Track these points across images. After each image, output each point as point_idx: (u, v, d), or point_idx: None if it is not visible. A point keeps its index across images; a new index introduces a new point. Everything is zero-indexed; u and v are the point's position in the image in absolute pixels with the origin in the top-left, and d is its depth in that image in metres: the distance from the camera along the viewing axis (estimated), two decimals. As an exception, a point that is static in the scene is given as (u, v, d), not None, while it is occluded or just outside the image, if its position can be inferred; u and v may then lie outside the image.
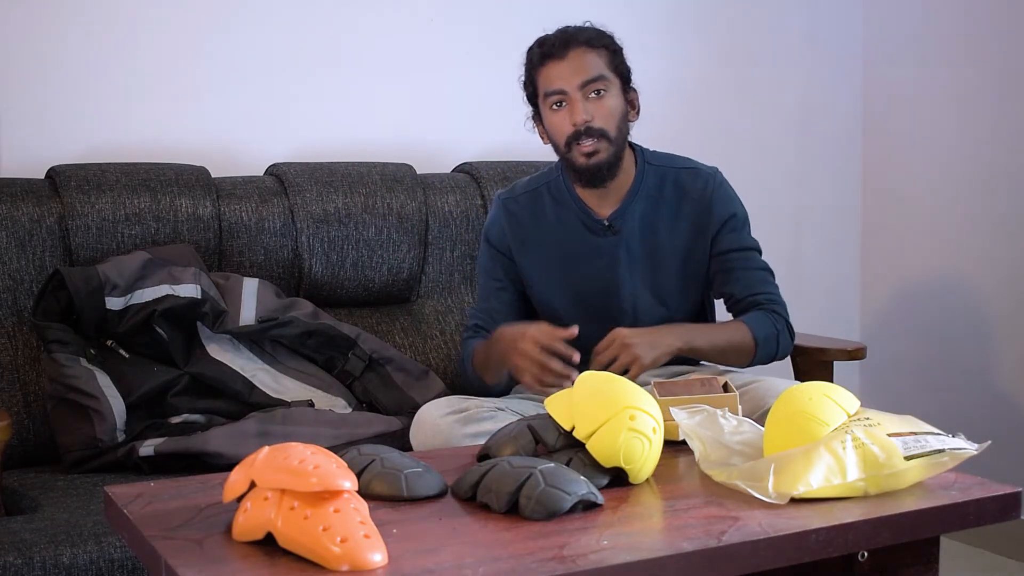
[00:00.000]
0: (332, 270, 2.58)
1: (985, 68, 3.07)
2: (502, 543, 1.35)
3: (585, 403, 1.60)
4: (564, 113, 2.18)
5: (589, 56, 2.18)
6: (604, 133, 2.18)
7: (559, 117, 2.19)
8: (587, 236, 2.27)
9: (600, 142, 2.17)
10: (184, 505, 1.46)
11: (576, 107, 2.16)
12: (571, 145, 2.19)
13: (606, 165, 2.19)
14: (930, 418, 1.68)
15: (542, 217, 2.30)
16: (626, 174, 2.26)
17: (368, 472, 1.51)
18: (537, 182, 2.34)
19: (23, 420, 2.25)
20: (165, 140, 2.65)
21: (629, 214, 2.26)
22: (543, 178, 2.34)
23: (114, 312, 2.29)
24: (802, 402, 1.61)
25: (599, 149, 2.18)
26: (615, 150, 2.20)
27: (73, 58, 2.57)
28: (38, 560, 1.73)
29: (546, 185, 2.32)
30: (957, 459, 1.55)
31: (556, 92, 2.18)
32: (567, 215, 2.28)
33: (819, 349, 2.47)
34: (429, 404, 2.11)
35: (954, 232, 3.17)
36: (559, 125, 2.19)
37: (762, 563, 1.37)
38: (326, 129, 2.82)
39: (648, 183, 2.27)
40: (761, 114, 3.32)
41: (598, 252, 2.26)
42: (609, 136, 2.18)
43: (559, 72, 2.18)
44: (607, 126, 2.18)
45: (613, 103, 2.19)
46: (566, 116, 2.18)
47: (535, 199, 2.32)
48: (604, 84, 2.18)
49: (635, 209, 2.26)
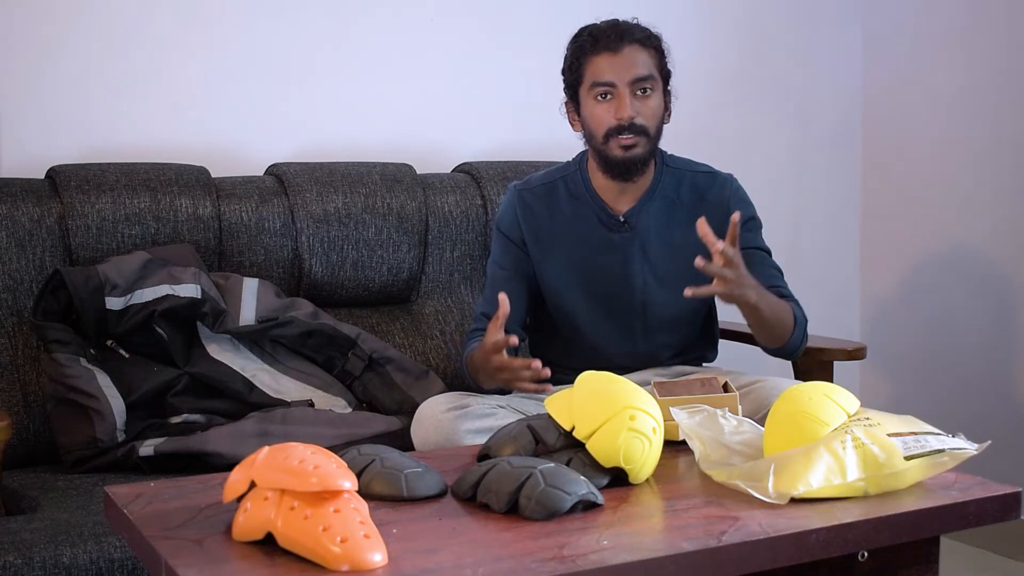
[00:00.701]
0: (332, 270, 2.58)
1: (985, 68, 3.07)
2: (502, 543, 1.35)
3: (585, 403, 1.60)
4: (609, 105, 2.19)
5: (641, 54, 2.20)
6: (645, 130, 2.19)
7: (603, 108, 2.20)
8: (602, 231, 2.27)
9: (640, 138, 2.19)
10: (184, 505, 1.46)
11: (624, 102, 2.17)
12: (610, 137, 2.20)
13: (640, 160, 2.21)
14: (930, 418, 1.68)
15: (557, 210, 2.30)
16: (646, 174, 2.27)
17: (368, 472, 1.51)
18: (553, 175, 2.35)
19: (23, 420, 2.25)
20: (165, 140, 2.65)
21: (645, 212, 2.27)
22: (559, 172, 2.35)
23: (114, 312, 2.29)
24: (802, 402, 1.61)
25: (637, 144, 2.19)
26: (651, 148, 2.22)
27: (73, 58, 2.56)
28: (38, 560, 1.73)
29: (563, 179, 2.33)
30: (957, 459, 1.55)
31: (605, 84, 2.18)
32: (583, 209, 2.29)
33: (819, 349, 2.46)
34: (430, 400, 2.11)
35: (954, 232, 3.18)
36: (601, 116, 2.20)
37: (762, 563, 1.38)
38: (326, 129, 2.82)
39: (666, 184, 2.29)
40: (761, 114, 3.32)
41: (612, 247, 2.27)
42: (649, 134, 2.20)
43: (612, 65, 2.18)
44: (649, 124, 2.20)
45: (656, 103, 2.22)
46: (611, 108, 2.19)
47: (551, 191, 2.32)
48: (652, 84, 2.20)
49: (652, 208, 2.27)
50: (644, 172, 2.25)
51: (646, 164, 2.24)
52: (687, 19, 3.20)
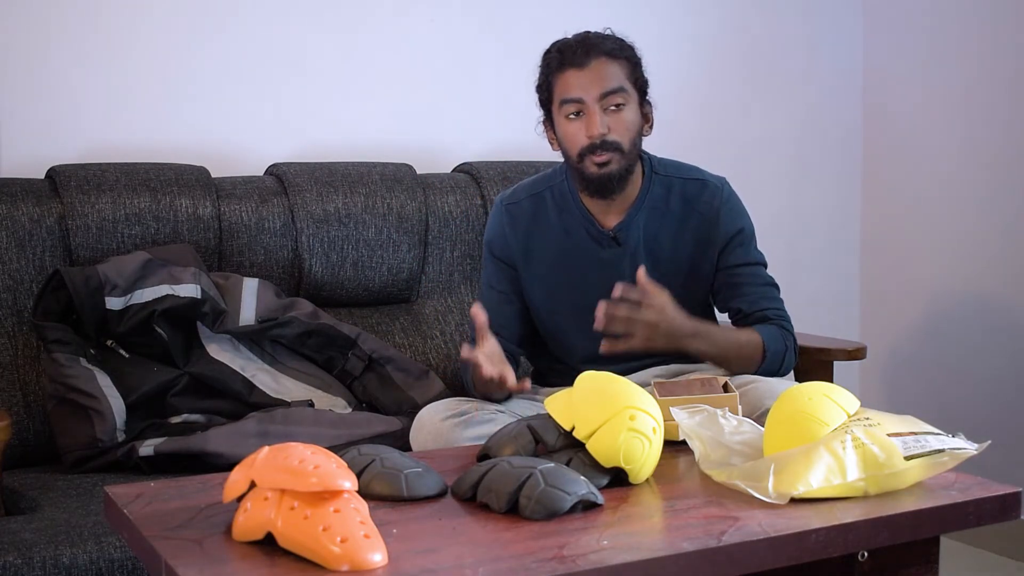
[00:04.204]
0: (332, 270, 2.58)
1: (986, 69, 3.07)
2: (502, 543, 1.35)
3: (585, 403, 1.60)
4: (580, 123, 2.14)
5: (610, 67, 2.13)
6: (618, 146, 2.13)
7: (574, 127, 2.15)
8: (592, 247, 2.23)
9: (614, 155, 2.14)
10: (184, 505, 1.46)
11: (593, 119, 2.12)
12: (584, 156, 2.14)
13: (616, 177, 2.15)
14: (930, 418, 1.68)
15: (546, 224, 2.26)
16: (633, 184, 2.22)
17: (368, 472, 1.51)
18: (539, 186, 2.30)
19: (23, 420, 2.25)
20: (165, 140, 2.65)
21: (634, 226, 2.22)
22: (545, 181, 2.31)
23: (114, 312, 2.29)
24: (802, 402, 1.61)
25: (611, 161, 2.14)
26: (627, 163, 2.16)
27: (73, 58, 2.56)
28: (38, 560, 1.73)
29: (549, 189, 2.28)
30: (957, 459, 1.55)
31: (573, 101, 2.13)
32: (571, 223, 2.25)
33: (819, 349, 2.46)
34: (428, 407, 2.10)
35: (954, 232, 3.17)
36: (574, 135, 2.15)
37: (762, 563, 1.38)
38: (326, 129, 2.82)
39: (654, 193, 2.24)
40: (761, 116, 3.32)
41: (602, 264, 2.22)
42: (623, 149, 2.14)
43: (579, 81, 2.12)
44: (622, 139, 2.14)
45: (630, 117, 2.15)
46: (582, 127, 2.13)
47: (538, 204, 2.28)
48: (623, 97, 2.14)
49: (640, 220, 2.23)
50: (625, 187, 2.19)
51: (624, 180, 2.18)
52: (688, 22, 3.20)
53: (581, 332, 2.18)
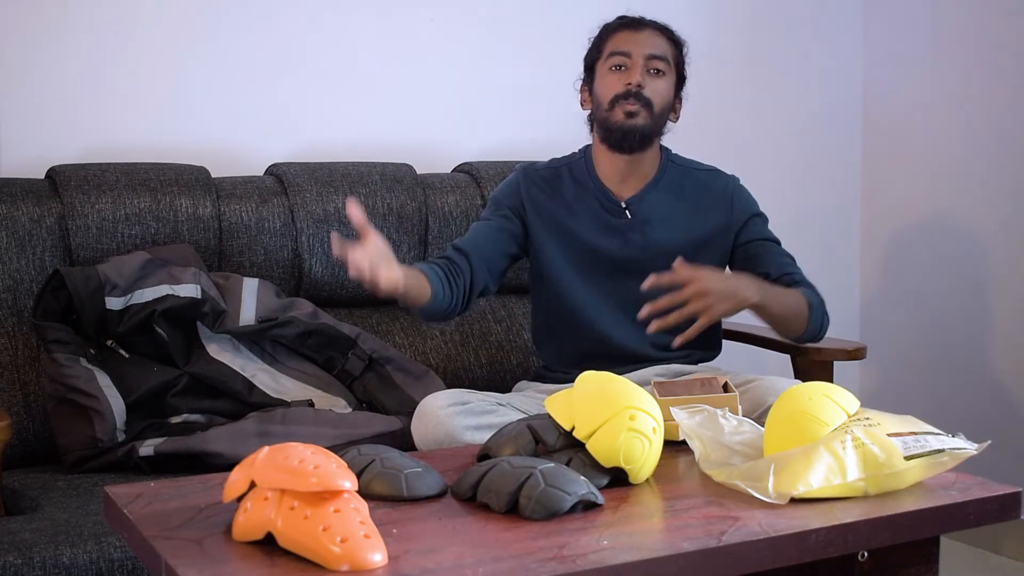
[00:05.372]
0: (332, 270, 2.58)
1: (986, 68, 3.07)
2: (502, 543, 1.35)
3: (585, 403, 1.60)
4: (621, 75, 2.24)
5: (661, 39, 2.28)
6: (650, 103, 2.23)
7: (614, 77, 2.25)
8: (602, 215, 2.30)
9: (643, 109, 2.23)
10: (184, 505, 1.46)
11: (635, 71, 2.23)
12: (615, 104, 2.23)
13: (640, 131, 2.24)
14: (930, 418, 1.68)
15: (559, 193, 2.33)
16: (651, 164, 2.32)
17: (368, 472, 1.51)
18: (558, 162, 2.39)
19: (23, 420, 2.25)
20: (165, 140, 2.64)
21: (647, 201, 2.30)
22: (565, 160, 2.39)
23: (114, 312, 2.29)
24: (802, 402, 1.61)
25: (639, 114, 2.22)
26: (652, 125, 2.25)
27: (73, 58, 2.56)
28: (38, 560, 1.73)
29: (567, 165, 2.36)
30: (957, 459, 1.55)
31: (622, 54, 2.25)
32: (585, 195, 2.32)
33: (819, 349, 2.46)
34: (430, 397, 2.11)
35: (954, 233, 3.17)
36: (612, 84, 2.25)
37: (762, 563, 1.38)
38: (326, 129, 2.82)
39: (670, 176, 2.33)
40: (762, 116, 3.32)
41: (612, 231, 2.29)
42: (652, 108, 2.24)
43: (631, 38, 2.26)
44: (655, 100, 2.24)
45: (666, 88, 2.26)
46: (622, 77, 2.24)
47: (555, 175, 2.35)
48: (665, 67, 2.26)
49: (654, 196, 2.31)
50: (644, 151, 2.28)
51: (646, 141, 2.26)
52: (689, 20, 3.19)
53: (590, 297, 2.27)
